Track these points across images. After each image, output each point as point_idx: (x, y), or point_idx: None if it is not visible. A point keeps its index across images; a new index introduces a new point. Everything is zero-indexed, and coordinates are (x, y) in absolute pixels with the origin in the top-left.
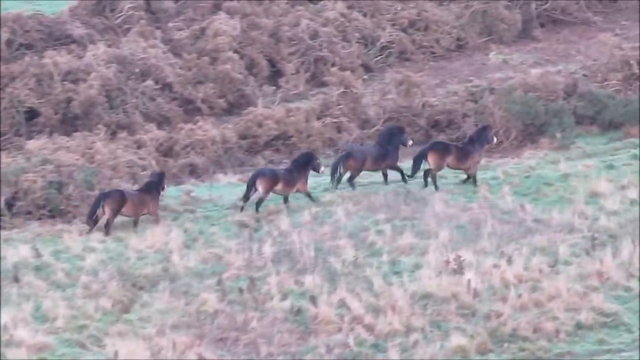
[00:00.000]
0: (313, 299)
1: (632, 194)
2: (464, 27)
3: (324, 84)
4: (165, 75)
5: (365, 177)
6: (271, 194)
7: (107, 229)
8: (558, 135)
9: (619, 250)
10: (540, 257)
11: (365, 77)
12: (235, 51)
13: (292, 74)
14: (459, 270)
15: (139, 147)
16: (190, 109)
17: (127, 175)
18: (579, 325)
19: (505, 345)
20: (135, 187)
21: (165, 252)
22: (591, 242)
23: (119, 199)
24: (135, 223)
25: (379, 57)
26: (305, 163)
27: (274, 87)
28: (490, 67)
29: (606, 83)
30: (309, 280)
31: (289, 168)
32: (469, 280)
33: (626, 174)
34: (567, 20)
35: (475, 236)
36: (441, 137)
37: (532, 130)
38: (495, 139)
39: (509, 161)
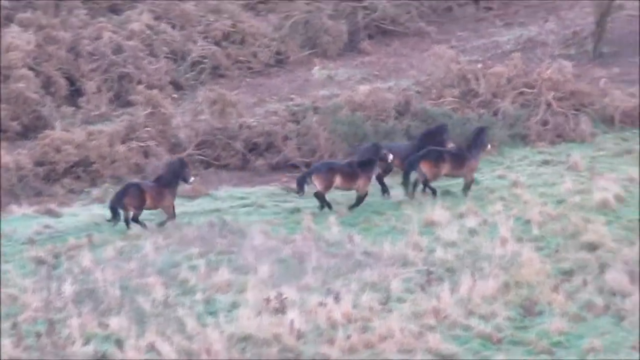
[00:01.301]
0: (119, 343)
1: (470, 222)
2: (284, 39)
3: (129, 104)
4: None
5: (178, 206)
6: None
7: (131, 222)
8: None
9: (457, 285)
10: (370, 293)
11: (175, 95)
12: (30, 68)
13: (94, 93)
14: (281, 309)
15: None
16: None
17: None
18: None
19: None
20: (151, 178)
21: None
22: (426, 277)
23: (139, 193)
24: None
25: (190, 74)
26: (372, 156)
27: (73, 108)
28: (314, 84)
29: (442, 100)
30: (114, 322)
31: (350, 162)
32: (292, 320)
33: (464, 201)
34: (397, 31)
35: (298, 271)
36: (260, 162)
37: None
38: (489, 145)
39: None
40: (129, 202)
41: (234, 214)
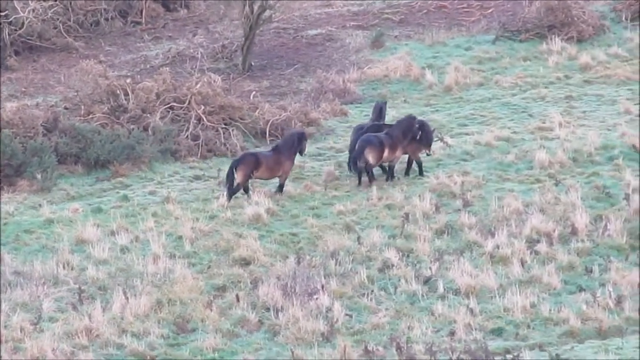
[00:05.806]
0: None
1: (122, 239)
2: None
3: None
4: None
5: None
6: None
7: (246, 192)
8: (38, 176)
9: (109, 303)
10: (22, 313)
11: None
12: None
13: None
14: None
15: None
16: None
17: None
18: None
19: None
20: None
21: None
22: (78, 296)
23: (253, 162)
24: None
25: None
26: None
27: None
28: None
29: (91, 116)
30: None
31: (390, 133)
32: None
33: (115, 218)
34: (44, 46)
35: None
36: None
37: (9, 172)
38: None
39: None
40: (241, 170)
41: None
